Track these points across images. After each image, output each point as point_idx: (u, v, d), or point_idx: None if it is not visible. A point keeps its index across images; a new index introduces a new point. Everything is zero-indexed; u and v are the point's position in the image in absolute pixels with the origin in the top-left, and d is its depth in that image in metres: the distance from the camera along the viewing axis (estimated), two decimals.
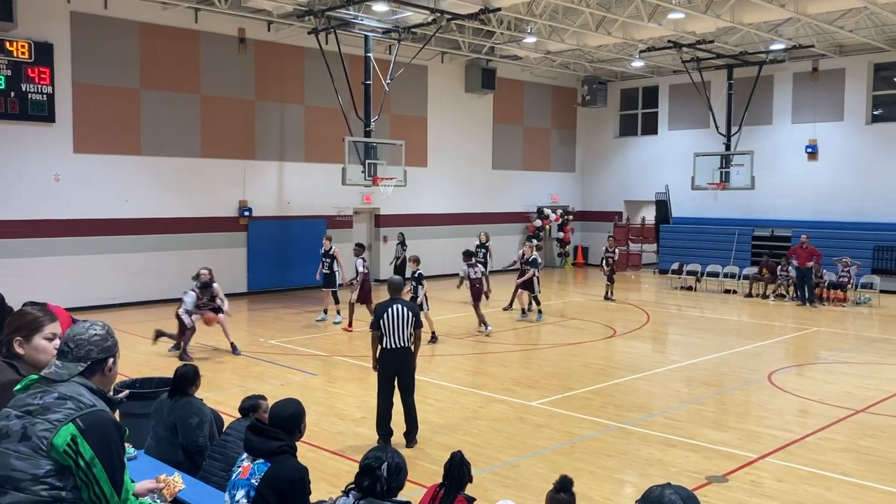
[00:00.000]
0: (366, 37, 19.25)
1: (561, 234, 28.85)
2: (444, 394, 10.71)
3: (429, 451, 8.21)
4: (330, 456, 8.06)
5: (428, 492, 4.50)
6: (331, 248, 16.67)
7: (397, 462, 3.76)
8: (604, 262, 20.02)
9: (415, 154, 22.71)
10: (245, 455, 4.37)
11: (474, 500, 4.42)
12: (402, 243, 21.07)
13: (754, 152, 23.09)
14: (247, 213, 20.24)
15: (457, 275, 17.42)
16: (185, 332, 12.79)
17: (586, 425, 9.24)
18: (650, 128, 28.55)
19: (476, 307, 15.61)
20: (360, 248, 16.51)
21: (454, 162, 25.40)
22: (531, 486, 7.16)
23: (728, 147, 23.91)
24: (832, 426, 9.27)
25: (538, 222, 27.72)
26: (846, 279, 20.24)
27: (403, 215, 23.61)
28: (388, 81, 19.36)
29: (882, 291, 20.40)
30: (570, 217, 29.10)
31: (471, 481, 4.47)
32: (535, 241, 22.17)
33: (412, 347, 8.36)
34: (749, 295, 21.49)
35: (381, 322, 8.19)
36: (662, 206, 27.10)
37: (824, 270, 20.39)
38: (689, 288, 22.83)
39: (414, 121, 24.11)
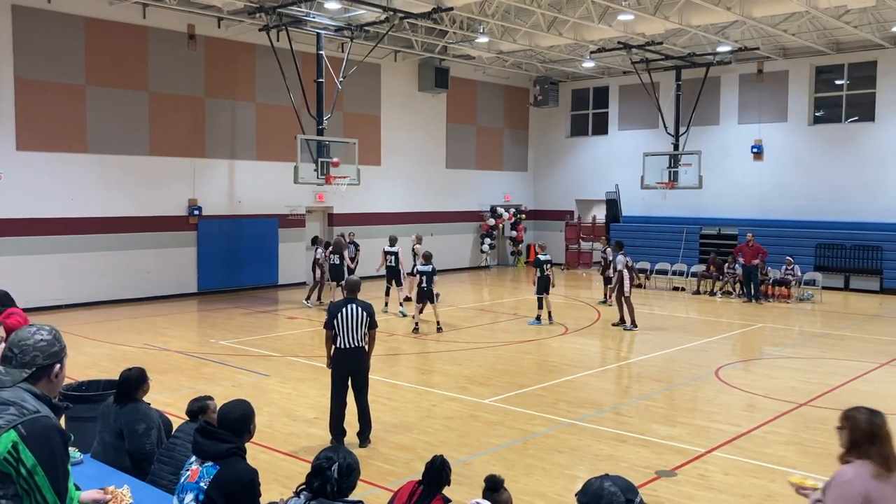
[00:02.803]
0: (318, 34, 19.12)
1: (514, 233, 29.05)
2: (397, 393, 10.71)
3: (382, 451, 8.20)
4: (282, 457, 7.99)
5: (406, 487, 4.48)
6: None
7: (349, 462, 3.74)
8: (603, 263, 19.62)
9: (368, 153, 22.65)
10: (193, 458, 4.31)
11: (450, 501, 4.43)
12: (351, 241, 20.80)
13: (702, 152, 23.55)
14: (196, 212, 19.94)
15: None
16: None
17: (539, 422, 9.33)
18: (601, 128, 28.92)
19: (620, 300, 16.00)
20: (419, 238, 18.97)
21: (408, 161, 25.39)
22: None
23: (676, 147, 24.36)
24: (777, 419, 9.52)
25: (491, 221, 27.88)
26: (790, 276, 20.79)
27: (357, 214, 23.53)
28: (341, 80, 19.27)
29: (824, 288, 21.00)
30: (523, 216, 29.32)
31: (448, 484, 4.47)
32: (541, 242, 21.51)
33: (366, 347, 8.34)
34: (697, 292, 21.94)
35: (335, 322, 8.15)
36: (613, 205, 27.47)
37: (769, 268, 20.91)
38: (639, 285, 23.15)
39: (367, 119, 24.04)
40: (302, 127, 18.96)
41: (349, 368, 8.26)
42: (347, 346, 8.17)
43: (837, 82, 23.99)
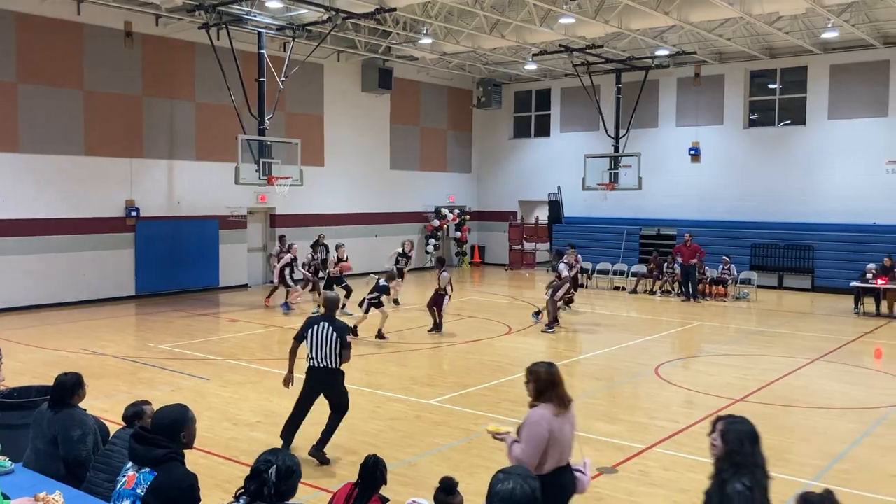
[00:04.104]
0: (259, 33, 18.89)
1: (458, 234, 29.17)
2: None
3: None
4: (223, 461, 7.88)
5: (343, 489, 4.46)
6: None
7: (288, 465, 3.70)
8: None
9: (311, 153, 22.46)
10: (130, 464, 4.22)
11: (388, 500, 4.41)
12: (322, 244, 19.89)
13: (641, 154, 24.01)
14: (134, 214, 19.49)
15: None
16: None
17: (483, 422, 9.34)
18: (543, 130, 29.24)
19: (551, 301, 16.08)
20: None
21: (351, 161, 25.27)
22: (430, 483, 7.15)
23: (616, 149, 24.78)
24: (714, 415, 9.74)
25: (436, 222, 27.94)
26: (727, 275, 21.33)
27: (300, 215, 23.31)
28: (283, 79, 19.07)
29: (759, 286, 21.59)
30: (467, 217, 29.46)
31: (385, 483, 4.46)
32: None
33: (341, 369, 8.01)
34: (635, 291, 22.34)
35: (305, 336, 7.99)
36: (555, 205, 27.79)
37: (707, 267, 21.43)
38: (581, 285, 23.47)
39: (310, 119, 23.83)
40: (243, 127, 18.70)
41: (321, 388, 8.01)
42: (317, 364, 7.93)
43: (771, 87, 24.71)
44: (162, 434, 4.22)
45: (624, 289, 22.91)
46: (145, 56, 19.67)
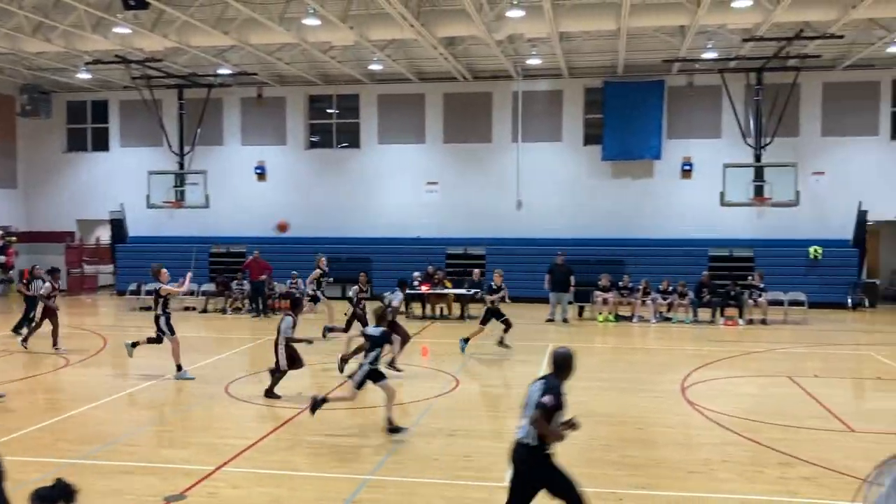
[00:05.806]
0: None
1: (3, 259, 25.73)
2: None
3: None
4: None
5: None
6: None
7: None
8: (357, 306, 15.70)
9: None
10: None
11: None
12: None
13: (207, 172, 23.88)
14: None
15: None
16: None
17: (33, 468, 8.41)
18: (101, 143, 27.43)
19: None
20: None
21: None
22: None
23: (182, 166, 24.29)
24: (283, 426, 10.11)
25: None
26: (295, 290, 22.23)
27: None
28: None
29: (328, 298, 22.82)
30: (14, 239, 26.17)
31: None
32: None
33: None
34: (206, 311, 22.10)
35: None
36: (118, 224, 26.19)
37: (276, 282, 22.10)
38: (150, 308, 22.42)
39: None
40: None
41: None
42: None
43: (329, 111, 26.46)
44: None
45: (195, 308, 22.46)
46: None
